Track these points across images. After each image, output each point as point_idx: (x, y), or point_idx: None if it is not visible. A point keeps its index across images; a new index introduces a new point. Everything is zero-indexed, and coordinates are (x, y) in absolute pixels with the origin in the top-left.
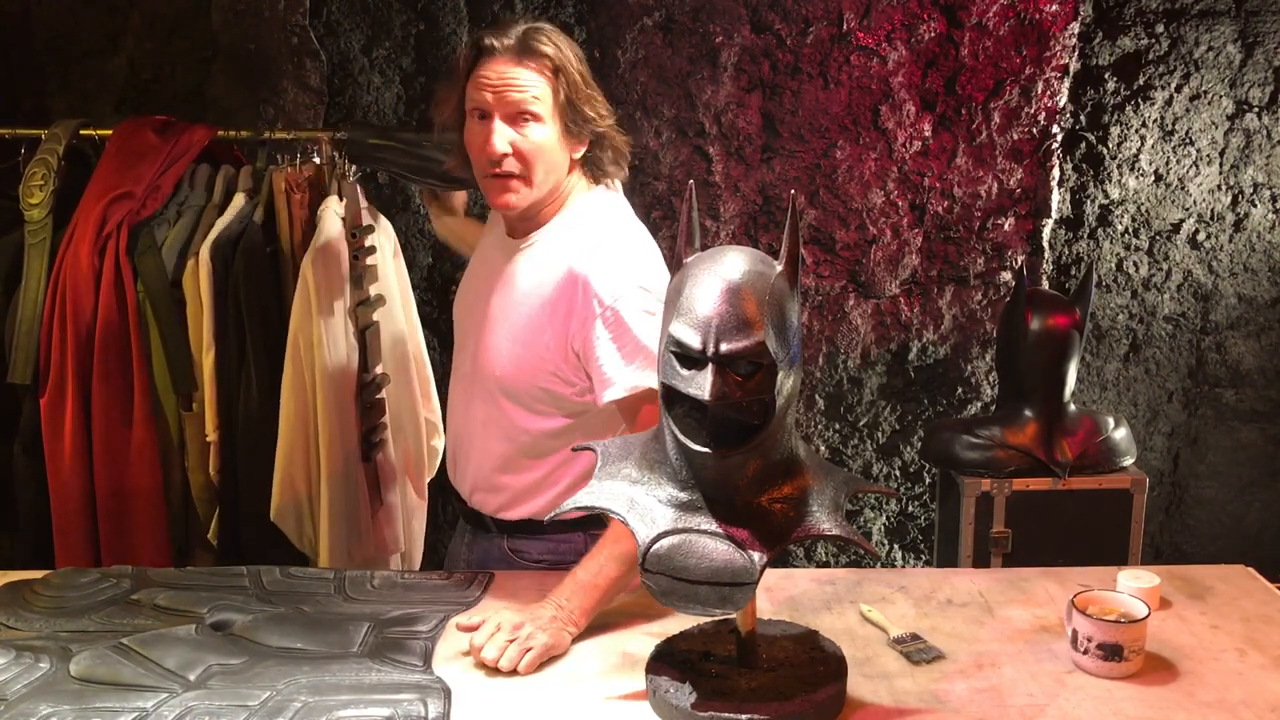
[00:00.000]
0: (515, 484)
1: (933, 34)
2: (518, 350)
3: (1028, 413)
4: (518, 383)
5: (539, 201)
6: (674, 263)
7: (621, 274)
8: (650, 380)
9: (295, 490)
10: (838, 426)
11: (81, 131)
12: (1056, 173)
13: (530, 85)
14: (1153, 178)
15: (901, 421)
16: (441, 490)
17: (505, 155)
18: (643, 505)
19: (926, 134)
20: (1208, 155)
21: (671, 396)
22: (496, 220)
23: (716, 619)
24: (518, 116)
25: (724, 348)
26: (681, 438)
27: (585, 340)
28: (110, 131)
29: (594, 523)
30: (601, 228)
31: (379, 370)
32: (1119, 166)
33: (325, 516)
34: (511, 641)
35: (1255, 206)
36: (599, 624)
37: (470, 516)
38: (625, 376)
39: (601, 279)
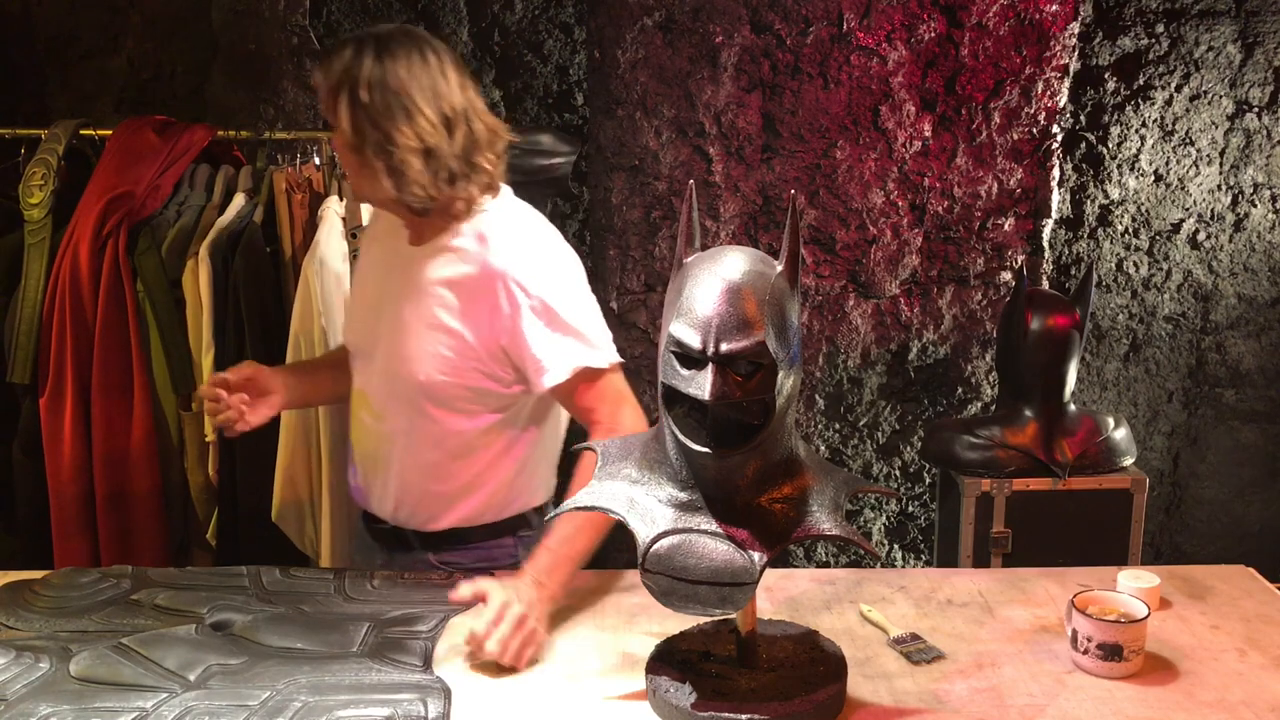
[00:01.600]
0: (446, 490)
1: (933, 34)
2: (441, 354)
3: (1028, 413)
4: (443, 386)
5: (422, 206)
6: (674, 263)
7: (541, 263)
8: (586, 358)
9: (297, 491)
10: (838, 426)
11: (81, 131)
12: (1056, 173)
13: (322, 98)
14: (1153, 178)
15: (901, 421)
16: None
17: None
18: (643, 505)
19: (926, 134)
20: (1208, 155)
21: (671, 396)
22: (386, 231)
23: (716, 619)
24: None
25: (724, 348)
26: (681, 438)
27: (514, 333)
28: (110, 131)
29: (523, 525)
30: (508, 223)
31: None
32: (1119, 166)
33: (327, 517)
34: (514, 636)
35: (1255, 206)
36: (599, 624)
37: (389, 536)
38: (561, 360)
39: (522, 271)
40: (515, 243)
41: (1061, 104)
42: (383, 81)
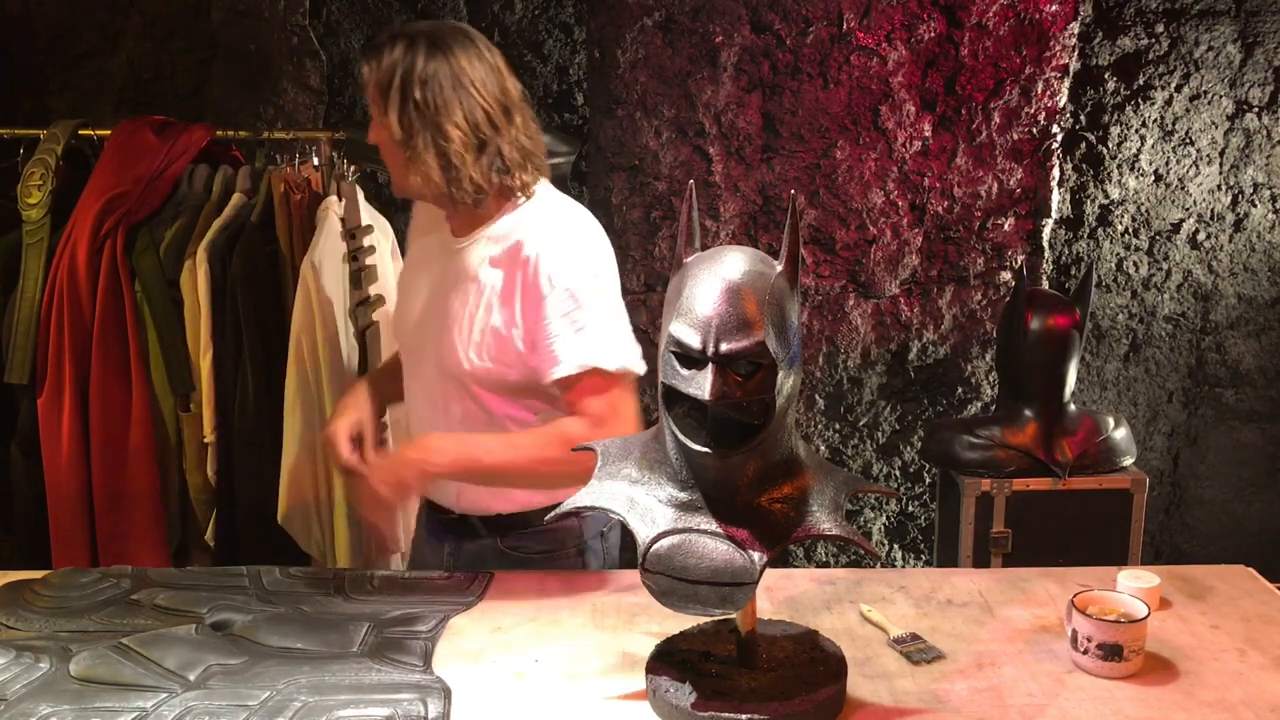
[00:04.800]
0: None
1: (933, 34)
2: (488, 342)
3: (1028, 413)
4: (491, 375)
5: (467, 198)
6: (674, 263)
7: (571, 253)
8: (600, 359)
9: (303, 493)
10: (838, 426)
11: (80, 131)
12: (1056, 173)
13: (367, 85)
14: (1153, 178)
15: (901, 421)
16: None
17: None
18: (643, 505)
19: (926, 134)
20: (1208, 155)
21: (671, 396)
22: (432, 225)
23: (716, 619)
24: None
25: (724, 348)
26: (681, 438)
27: (536, 319)
28: (109, 131)
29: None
30: (548, 211)
31: None
32: (1119, 166)
33: (341, 518)
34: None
35: (1255, 206)
36: (599, 624)
37: (455, 525)
38: (573, 354)
39: (551, 259)
40: (551, 230)
41: (1061, 104)
42: (437, 77)
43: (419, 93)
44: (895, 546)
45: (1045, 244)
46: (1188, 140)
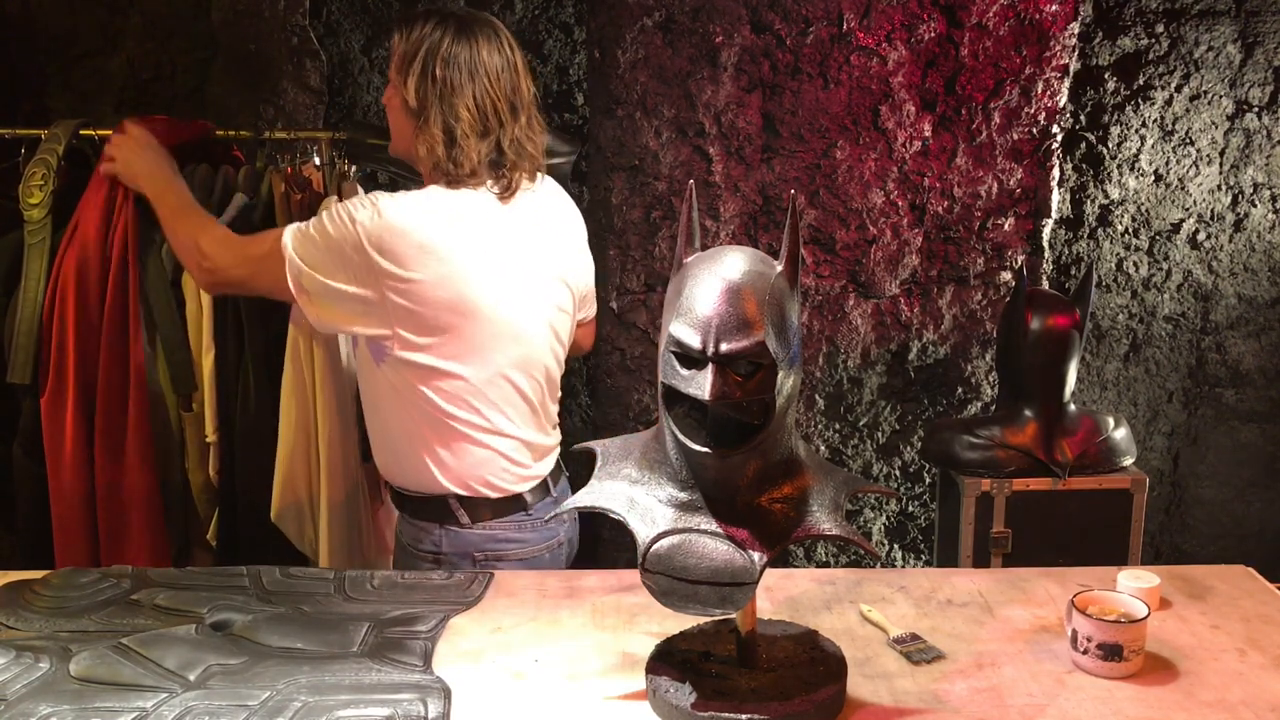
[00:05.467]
0: (374, 436)
1: (933, 34)
2: None
3: (1028, 413)
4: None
5: (420, 166)
6: (674, 263)
7: (363, 206)
8: (289, 240)
9: (296, 491)
10: (838, 426)
11: (81, 131)
12: (1056, 173)
13: (394, 51)
14: (1153, 178)
15: (901, 421)
16: None
17: None
18: (643, 505)
19: (926, 134)
20: (1208, 155)
21: (671, 396)
22: None
23: (716, 619)
24: None
25: (724, 348)
26: (681, 438)
27: None
28: (110, 131)
29: (448, 516)
30: (424, 190)
31: None
32: (1119, 166)
33: (325, 517)
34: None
35: (1255, 206)
36: (599, 624)
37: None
38: (291, 228)
39: (360, 197)
40: (396, 195)
41: (1061, 104)
42: (458, 60)
43: (439, 70)
44: (895, 546)
45: (1045, 244)
46: (1188, 140)
